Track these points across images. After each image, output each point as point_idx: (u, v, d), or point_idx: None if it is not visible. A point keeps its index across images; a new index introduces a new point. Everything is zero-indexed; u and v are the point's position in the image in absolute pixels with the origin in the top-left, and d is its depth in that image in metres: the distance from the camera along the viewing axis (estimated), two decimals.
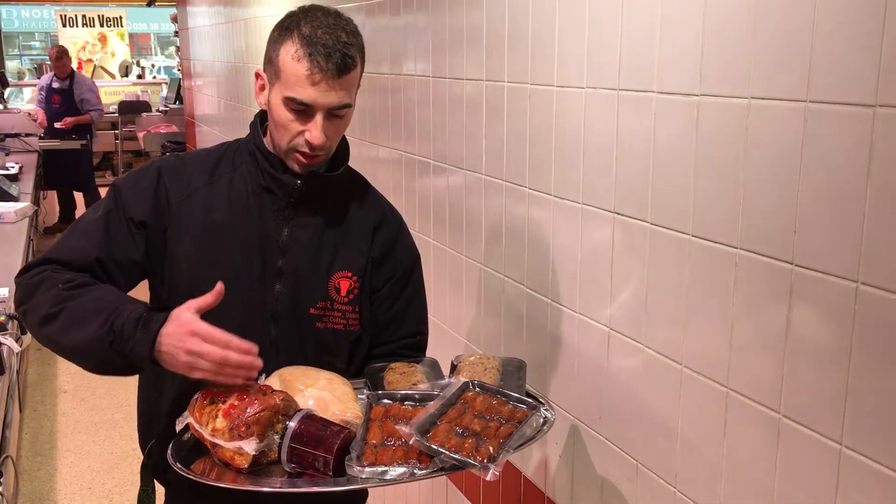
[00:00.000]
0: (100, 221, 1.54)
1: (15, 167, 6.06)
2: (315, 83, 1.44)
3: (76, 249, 1.52)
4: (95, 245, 1.52)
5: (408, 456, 1.30)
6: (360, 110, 2.84)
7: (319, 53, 1.43)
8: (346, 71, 1.46)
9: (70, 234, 1.57)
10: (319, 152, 1.52)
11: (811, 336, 1.18)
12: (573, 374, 1.79)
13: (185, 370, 1.35)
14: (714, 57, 1.31)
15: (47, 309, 1.44)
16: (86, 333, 1.40)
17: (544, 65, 1.78)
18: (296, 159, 1.53)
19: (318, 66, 1.43)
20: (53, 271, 1.49)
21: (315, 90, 1.45)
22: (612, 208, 1.59)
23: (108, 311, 1.40)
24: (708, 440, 1.39)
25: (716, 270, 1.34)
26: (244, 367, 1.35)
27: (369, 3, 2.74)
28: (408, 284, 1.71)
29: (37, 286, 1.48)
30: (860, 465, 1.11)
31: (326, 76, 1.44)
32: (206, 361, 1.33)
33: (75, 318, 1.42)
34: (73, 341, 1.42)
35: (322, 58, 1.43)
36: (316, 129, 1.48)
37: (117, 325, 1.38)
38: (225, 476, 1.34)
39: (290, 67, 1.46)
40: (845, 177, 1.09)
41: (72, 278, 1.47)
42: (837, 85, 1.10)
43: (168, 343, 1.35)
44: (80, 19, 12.88)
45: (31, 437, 4.23)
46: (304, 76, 1.44)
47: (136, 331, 1.36)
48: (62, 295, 1.44)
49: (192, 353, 1.33)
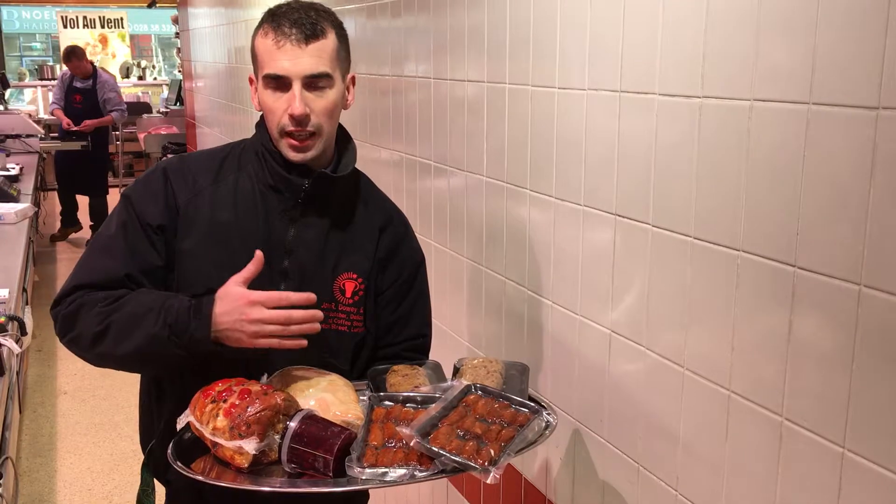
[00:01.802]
0: (118, 236, 1.55)
1: (15, 168, 6.06)
2: (283, 50, 1.47)
3: (102, 269, 1.54)
4: (121, 261, 1.53)
5: (408, 458, 1.30)
6: (361, 112, 2.84)
7: (285, 24, 1.48)
8: (314, 37, 1.48)
9: (91, 255, 1.58)
10: (306, 129, 1.51)
11: (813, 339, 1.17)
12: (574, 377, 1.78)
13: (251, 341, 1.39)
14: (716, 59, 1.31)
15: (94, 329, 1.46)
16: (141, 337, 1.43)
17: (546, 66, 1.78)
18: (288, 144, 1.53)
19: (283, 34, 1.48)
20: (87, 295, 1.51)
21: (284, 58, 1.48)
22: (613, 210, 1.59)
23: (156, 310, 1.43)
24: (710, 443, 1.39)
25: (718, 273, 1.33)
26: (308, 320, 1.39)
27: (370, 4, 2.74)
28: (412, 286, 1.71)
29: (76, 313, 1.50)
30: (862, 468, 1.11)
31: (293, 42, 1.47)
32: (272, 326, 1.38)
33: (125, 327, 1.45)
34: (130, 348, 1.44)
35: (287, 26, 1.48)
36: (294, 98, 1.48)
37: (170, 319, 1.41)
38: (225, 475, 1.34)
39: (261, 46, 1.51)
40: (848, 179, 1.09)
41: (107, 295, 1.49)
42: (840, 87, 1.09)
43: (227, 321, 1.39)
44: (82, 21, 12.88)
45: (30, 439, 4.23)
46: (272, 48, 1.48)
47: (190, 319, 1.40)
48: (104, 312, 1.47)
49: (256, 322, 1.37)
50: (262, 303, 1.38)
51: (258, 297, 1.38)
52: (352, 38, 1.56)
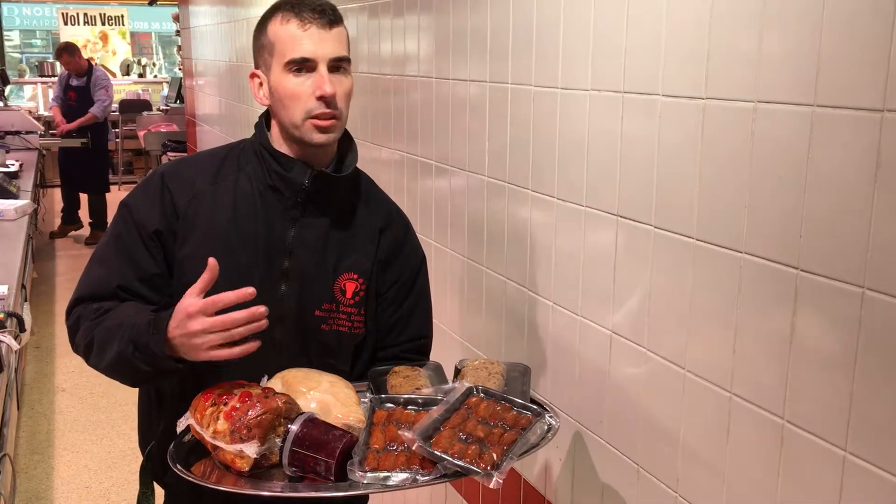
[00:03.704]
0: (113, 247, 1.58)
1: (15, 165, 6.05)
2: (309, 33, 1.49)
3: (98, 281, 1.57)
4: (116, 272, 1.55)
5: (410, 461, 1.29)
6: (362, 111, 2.83)
7: (306, 9, 1.50)
8: (335, 23, 1.52)
9: (91, 266, 1.61)
10: (335, 110, 1.51)
11: (816, 341, 1.17)
12: (574, 378, 1.78)
13: (206, 354, 1.34)
14: (720, 60, 1.30)
15: (84, 342, 1.52)
16: (112, 353, 1.45)
17: (548, 67, 1.77)
18: (314, 127, 1.51)
19: (307, 18, 1.49)
20: (84, 307, 1.55)
21: (310, 41, 1.49)
22: (615, 211, 1.59)
23: (125, 325, 1.44)
24: (710, 445, 1.38)
25: (720, 274, 1.33)
26: (251, 319, 1.31)
27: (373, 3, 2.74)
28: (413, 287, 1.71)
29: (75, 325, 1.56)
30: (864, 471, 1.10)
31: (317, 25, 1.49)
32: (215, 334, 1.31)
33: (102, 341, 1.47)
34: (106, 363, 1.48)
35: (309, 11, 1.50)
36: (323, 79, 1.49)
37: (133, 335, 1.41)
38: (225, 479, 1.33)
39: (282, 33, 1.51)
40: (852, 181, 1.09)
41: (98, 307, 1.53)
42: (845, 89, 1.09)
43: (177, 335, 1.35)
44: (82, 18, 12.88)
45: (28, 436, 4.22)
46: (297, 33, 1.49)
47: (149, 336, 1.38)
48: (91, 325, 1.51)
49: (199, 333, 1.32)
50: (200, 311, 1.31)
51: (195, 307, 1.32)
52: (353, 36, 1.56)
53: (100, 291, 1.56)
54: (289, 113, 1.52)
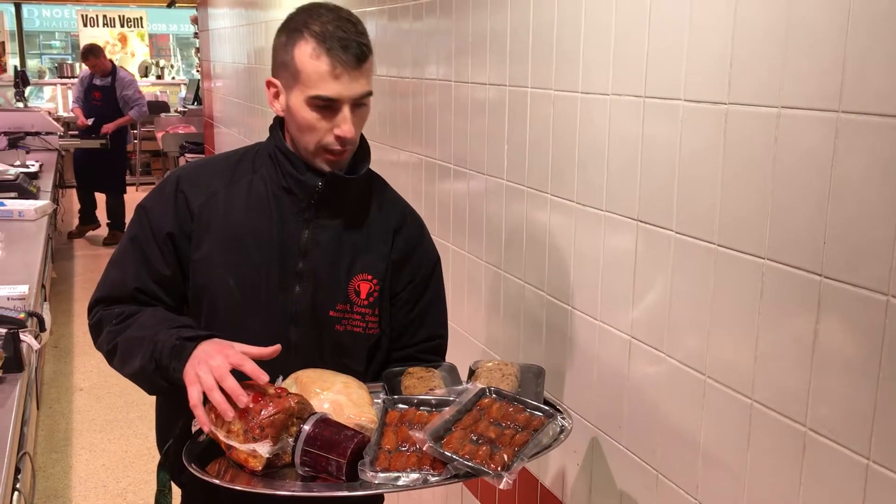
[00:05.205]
0: (128, 249, 1.61)
1: (35, 165, 6.10)
2: (338, 77, 1.46)
3: (116, 283, 1.61)
4: (132, 275, 1.59)
5: (421, 462, 1.29)
6: (381, 114, 2.84)
7: (337, 47, 1.45)
8: (364, 60, 1.48)
9: (109, 268, 1.65)
10: (349, 146, 1.54)
11: (839, 348, 1.16)
12: (593, 382, 1.77)
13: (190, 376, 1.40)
14: (743, 65, 1.29)
15: (107, 347, 1.57)
16: (135, 365, 1.51)
17: (569, 71, 1.77)
18: (326, 159, 1.54)
19: (338, 60, 1.45)
20: (104, 309, 1.60)
21: (339, 84, 1.46)
22: (635, 216, 1.58)
23: (148, 340, 1.49)
24: (731, 452, 1.37)
25: (742, 280, 1.32)
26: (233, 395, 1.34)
27: (392, 7, 2.74)
28: (427, 287, 1.71)
29: (97, 327, 1.60)
30: (888, 480, 1.09)
31: (348, 68, 1.46)
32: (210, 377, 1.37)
33: (125, 351, 1.53)
34: (129, 373, 1.56)
35: (340, 51, 1.45)
36: (346, 122, 1.49)
37: (157, 354, 1.46)
38: (239, 478, 1.34)
39: (310, 67, 1.47)
40: (877, 188, 1.08)
41: (119, 312, 1.57)
42: (869, 96, 1.08)
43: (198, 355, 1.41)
44: (101, 19, 12.97)
45: (46, 435, 4.25)
46: (326, 72, 1.46)
47: (171, 360, 1.44)
48: (113, 331, 1.56)
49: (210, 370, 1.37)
50: (231, 356, 1.37)
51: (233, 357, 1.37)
52: (373, 39, 1.56)
53: (118, 293, 1.59)
54: (303, 138, 1.53)
